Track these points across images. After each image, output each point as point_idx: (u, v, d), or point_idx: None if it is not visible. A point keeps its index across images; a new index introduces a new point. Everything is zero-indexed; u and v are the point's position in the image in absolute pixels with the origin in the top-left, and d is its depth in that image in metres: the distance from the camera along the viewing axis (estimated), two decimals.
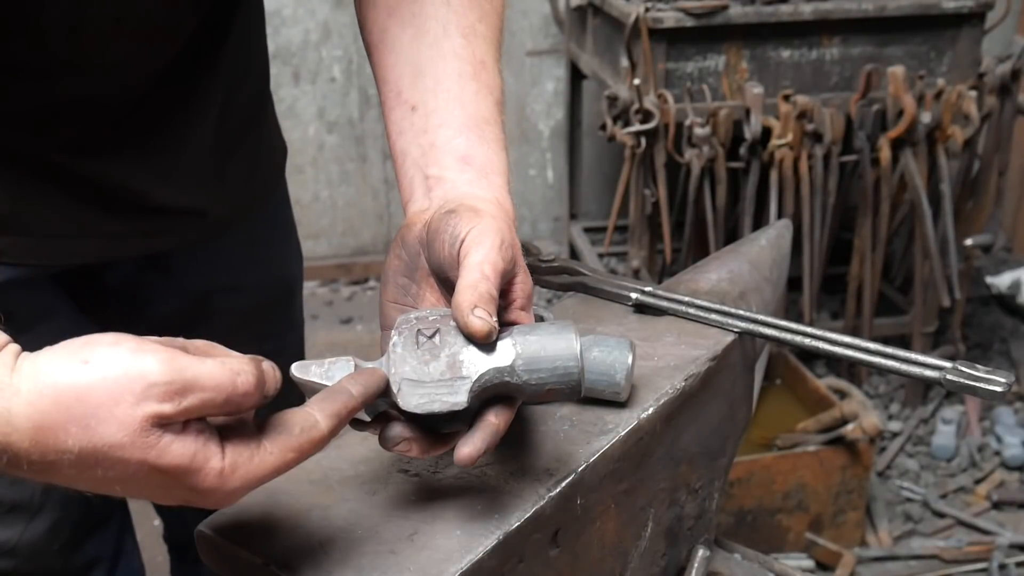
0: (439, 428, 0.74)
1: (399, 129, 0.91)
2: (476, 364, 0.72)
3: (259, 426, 0.67)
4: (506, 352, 0.73)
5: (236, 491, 0.65)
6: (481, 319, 0.72)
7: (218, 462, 0.63)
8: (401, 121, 0.91)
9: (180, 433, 0.62)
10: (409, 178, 0.88)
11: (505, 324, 0.77)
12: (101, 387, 0.61)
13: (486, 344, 0.73)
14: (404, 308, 0.83)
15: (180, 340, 0.68)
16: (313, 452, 0.67)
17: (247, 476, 0.64)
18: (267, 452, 0.65)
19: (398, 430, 0.73)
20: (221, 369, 0.64)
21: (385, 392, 0.72)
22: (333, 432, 0.68)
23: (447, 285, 0.79)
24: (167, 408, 0.61)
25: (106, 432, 0.60)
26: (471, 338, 0.72)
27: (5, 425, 0.60)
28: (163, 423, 0.62)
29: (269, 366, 0.67)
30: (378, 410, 0.74)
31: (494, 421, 0.73)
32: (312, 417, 0.67)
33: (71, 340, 0.63)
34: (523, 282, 0.80)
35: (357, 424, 0.76)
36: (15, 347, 0.64)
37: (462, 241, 0.77)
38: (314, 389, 0.73)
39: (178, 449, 0.62)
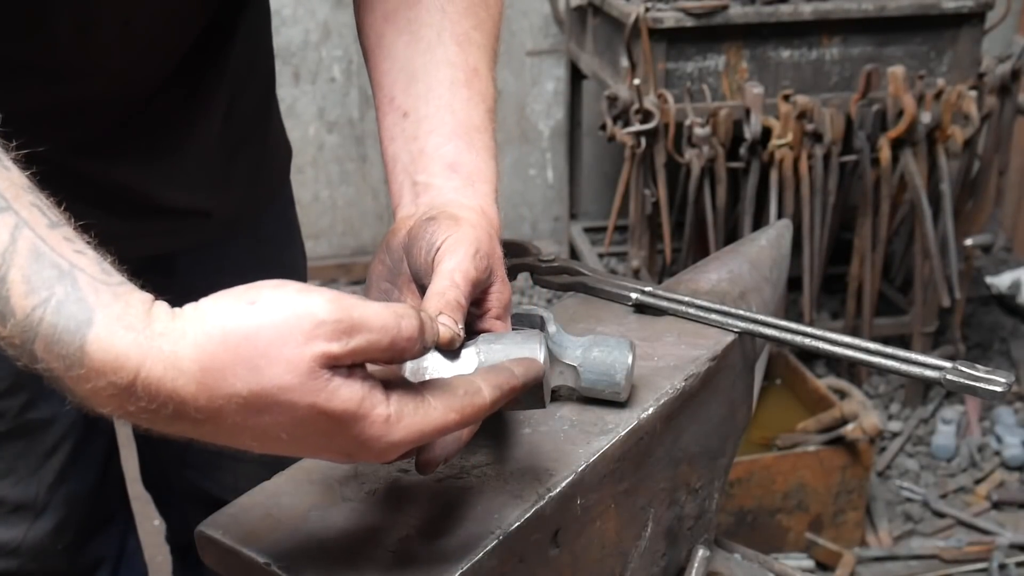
0: None
1: (391, 135, 0.91)
2: (439, 371, 0.72)
3: (422, 385, 0.66)
4: (469, 360, 0.73)
5: (399, 443, 0.63)
6: (444, 326, 0.71)
7: (384, 409, 0.62)
8: (393, 127, 0.91)
9: (348, 377, 0.61)
10: (399, 184, 0.89)
11: (478, 332, 0.78)
12: (269, 327, 0.59)
13: (450, 351, 0.73)
14: None
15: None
16: (475, 419, 0.66)
17: (411, 427, 0.62)
18: (431, 407, 0.63)
19: None
20: (387, 311, 0.62)
21: None
22: (495, 404, 0.66)
23: (425, 292, 0.79)
24: (335, 348, 0.60)
25: (276, 373, 0.59)
26: (435, 345, 0.73)
27: (171, 369, 0.59)
28: (331, 364, 0.60)
29: (427, 316, 0.66)
30: None
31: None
32: (476, 384, 0.66)
33: (235, 287, 0.63)
34: (499, 291, 0.80)
35: None
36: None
37: (437, 248, 0.78)
38: None
39: (346, 393, 0.60)
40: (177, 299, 1.18)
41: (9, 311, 0.58)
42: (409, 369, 0.72)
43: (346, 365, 0.61)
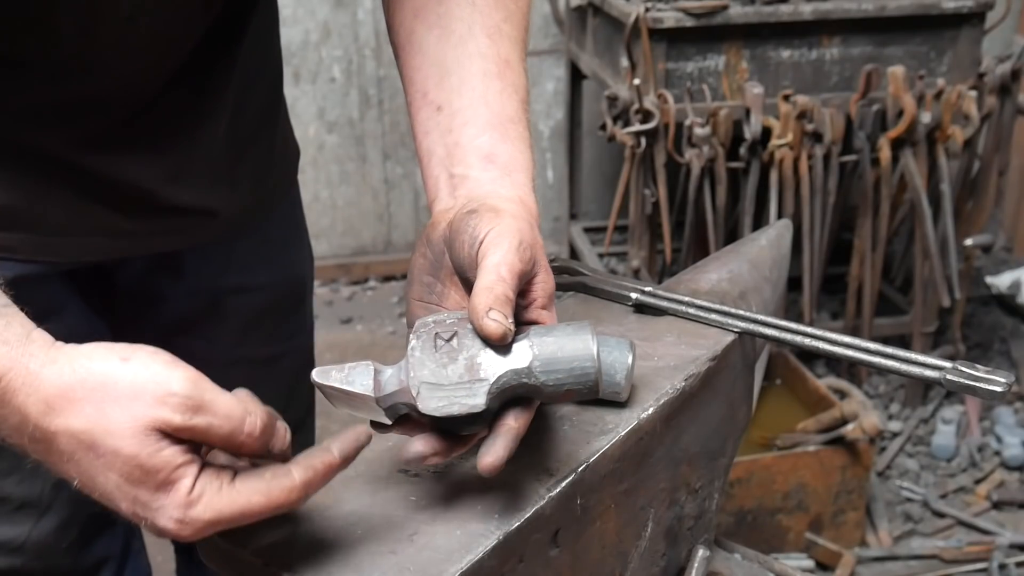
0: (458, 430, 0.74)
1: (425, 129, 0.91)
2: (493, 366, 0.73)
3: (237, 472, 0.70)
4: (523, 354, 0.73)
5: (196, 520, 0.67)
6: (496, 321, 0.72)
7: (189, 483, 0.66)
8: (427, 121, 0.91)
9: (173, 444, 0.66)
10: (435, 177, 0.89)
11: (526, 323, 0.78)
12: (128, 381, 0.66)
13: (502, 346, 0.73)
14: (429, 306, 0.83)
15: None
16: (283, 500, 0.69)
17: (209, 506, 0.67)
18: (235, 491, 0.67)
19: (417, 448, 0.74)
20: (236, 404, 0.68)
21: (405, 395, 0.73)
22: (307, 484, 0.70)
23: (469, 285, 0.79)
24: (176, 419, 0.65)
25: (115, 419, 0.65)
26: (487, 340, 0.73)
27: (28, 386, 0.66)
28: (167, 431, 0.66)
29: (283, 426, 0.71)
30: (399, 413, 0.75)
31: (513, 424, 0.73)
32: (287, 467, 0.70)
33: (117, 344, 0.69)
34: (544, 281, 0.80)
35: (379, 427, 0.77)
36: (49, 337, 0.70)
37: (481, 242, 0.78)
38: (333, 395, 0.74)
39: (167, 455, 0.66)
40: (183, 299, 1.19)
41: None
42: (464, 366, 0.73)
43: (180, 438, 0.66)
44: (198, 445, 0.68)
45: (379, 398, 0.73)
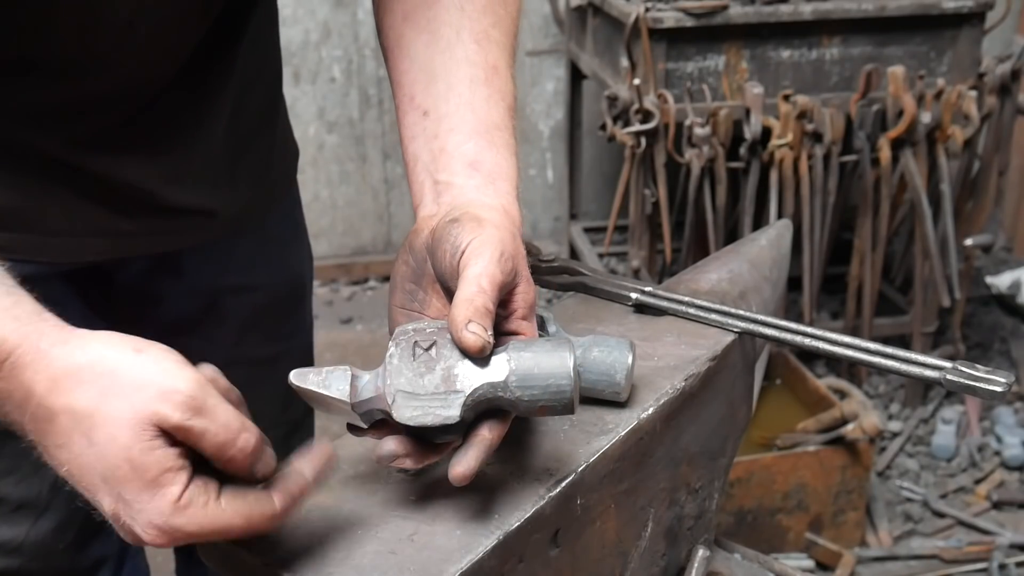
0: (433, 438, 0.75)
1: (411, 134, 0.91)
2: (470, 378, 0.73)
3: (223, 489, 0.70)
4: (500, 367, 0.73)
5: (176, 531, 0.67)
6: (474, 334, 0.72)
7: (178, 490, 0.66)
8: (413, 126, 0.91)
9: (168, 446, 0.66)
10: (420, 183, 0.89)
11: (506, 334, 0.78)
12: (136, 372, 0.67)
13: (480, 358, 0.73)
14: (411, 313, 0.83)
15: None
16: (262, 527, 0.70)
17: (193, 519, 0.67)
18: (220, 508, 0.68)
19: (391, 447, 0.74)
20: (236, 417, 0.69)
21: (381, 403, 0.73)
22: (285, 511, 0.71)
23: (450, 293, 0.79)
24: (175, 417, 0.66)
25: (116, 406, 0.66)
26: (465, 352, 0.73)
27: (38, 363, 0.67)
28: (164, 428, 0.66)
29: (271, 455, 0.72)
30: (374, 418, 0.75)
31: (487, 436, 0.74)
32: (268, 494, 0.71)
33: (133, 336, 0.70)
34: (525, 292, 0.80)
35: (355, 430, 0.77)
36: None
37: (462, 252, 0.78)
38: (311, 397, 0.74)
39: (159, 455, 0.66)
40: (183, 299, 1.19)
41: None
42: (441, 376, 0.73)
43: (176, 440, 0.67)
44: (192, 453, 0.68)
45: (355, 404, 0.74)
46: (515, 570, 0.77)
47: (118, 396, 0.66)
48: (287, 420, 1.32)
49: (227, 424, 0.67)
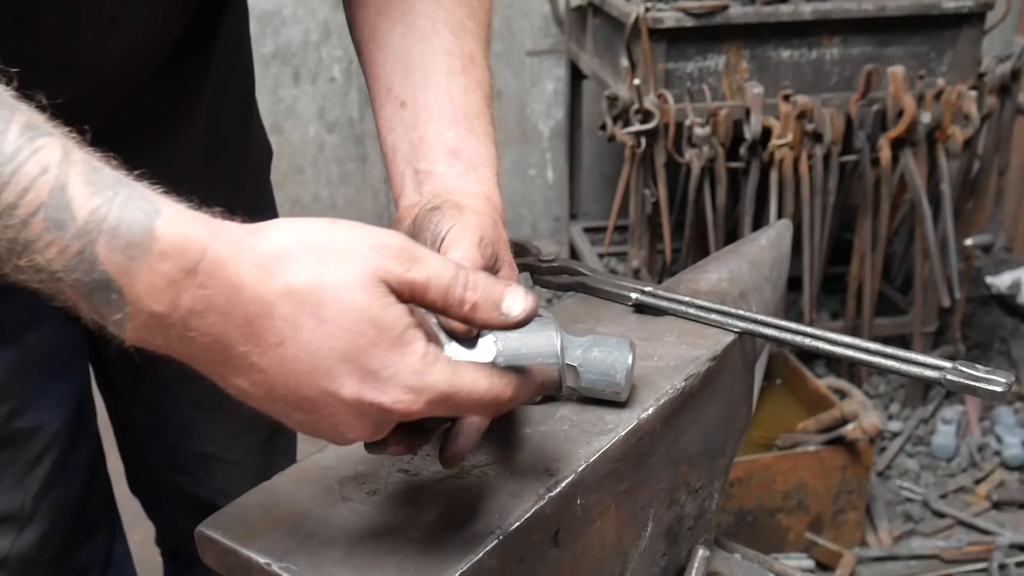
0: (422, 423, 0.74)
1: (389, 125, 0.91)
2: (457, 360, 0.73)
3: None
4: (487, 348, 0.73)
5: (430, 387, 0.62)
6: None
7: (423, 346, 0.63)
8: (391, 117, 0.91)
9: (400, 303, 0.63)
10: (400, 173, 0.89)
11: None
12: (342, 238, 0.63)
13: (467, 340, 0.73)
14: None
15: None
16: (501, 395, 0.66)
17: (443, 374, 0.63)
18: (460, 366, 0.65)
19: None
20: (447, 260, 0.65)
21: None
22: (514, 399, 0.67)
23: None
24: (397, 268, 0.62)
25: (341, 272, 0.61)
26: (451, 334, 0.73)
27: (240, 253, 0.61)
28: (389, 283, 0.62)
29: (525, 291, 0.66)
30: None
31: (475, 418, 0.73)
32: (508, 375, 0.67)
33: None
34: (507, 276, 0.81)
35: None
36: None
37: (443, 239, 0.78)
38: None
39: (398, 311, 0.62)
40: None
41: (70, 216, 0.58)
42: None
43: (401, 297, 0.63)
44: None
45: None
46: (515, 570, 0.77)
47: (337, 262, 0.61)
48: (272, 421, 1.31)
49: (444, 266, 0.64)
